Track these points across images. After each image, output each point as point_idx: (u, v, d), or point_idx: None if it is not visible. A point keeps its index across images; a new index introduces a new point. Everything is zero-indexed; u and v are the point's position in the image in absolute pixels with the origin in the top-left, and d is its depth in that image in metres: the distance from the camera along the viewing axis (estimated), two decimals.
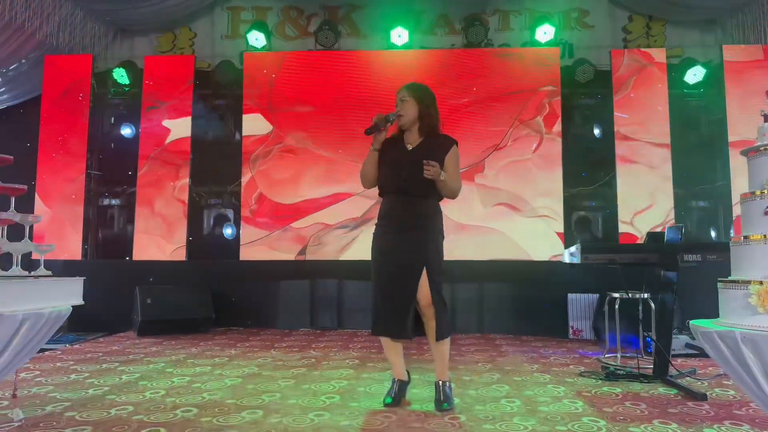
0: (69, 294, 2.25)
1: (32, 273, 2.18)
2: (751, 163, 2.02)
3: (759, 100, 5.51)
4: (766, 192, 1.91)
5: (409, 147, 2.82)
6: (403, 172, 2.73)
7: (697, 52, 6.19)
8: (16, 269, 2.19)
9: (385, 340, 2.84)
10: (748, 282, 1.85)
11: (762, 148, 1.95)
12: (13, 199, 2.34)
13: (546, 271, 5.61)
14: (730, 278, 1.97)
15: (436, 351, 2.76)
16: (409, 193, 2.74)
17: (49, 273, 2.24)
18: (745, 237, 1.95)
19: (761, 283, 1.81)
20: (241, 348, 4.57)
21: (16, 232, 2.46)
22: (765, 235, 1.88)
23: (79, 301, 2.32)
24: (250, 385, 3.21)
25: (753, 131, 5.67)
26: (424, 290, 2.67)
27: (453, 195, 2.80)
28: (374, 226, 2.87)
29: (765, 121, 2.01)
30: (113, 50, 6.68)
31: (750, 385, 1.85)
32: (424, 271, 2.68)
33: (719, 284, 2.02)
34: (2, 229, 2.24)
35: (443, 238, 2.82)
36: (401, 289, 2.68)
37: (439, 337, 2.70)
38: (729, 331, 1.83)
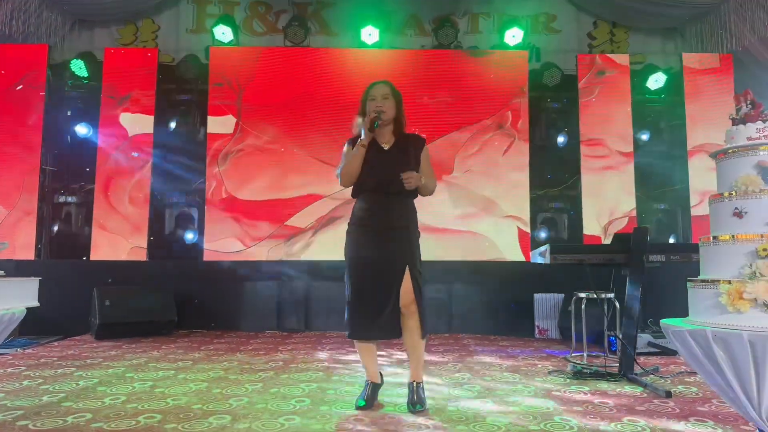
0: (23, 295, 2.11)
1: None
2: (720, 165, 2.07)
3: (715, 105, 5.73)
4: (734, 194, 1.95)
5: (385, 146, 2.79)
6: (382, 171, 2.70)
7: (658, 58, 6.39)
8: None
9: (360, 343, 2.78)
10: (718, 281, 1.89)
11: (730, 151, 2.00)
12: None
13: (512, 272, 5.67)
14: (699, 278, 2.01)
15: (412, 351, 2.74)
16: (390, 192, 2.71)
17: (2, 273, 2.11)
18: (714, 237, 1.99)
19: (730, 282, 1.85)
20: (205, 351, 4.44)
21: None
22: (733, 236, 1.92)
23: (35, 303, 2.19)
24: (216, 390, 3.11)
25: (710, 135, 5.86)
26: (406, 286, 2.65)
27: (431, 193, 2.81)
28: (347, 226, 2.82)
29: (733, 124, 2.06)
30: (71, 41, 6.41)
31: (720, 383, 1.89)
32: (407, 270, 2.66)
33: (689, 284, 2.05)
34: None
35: (419, 236, 2.82)
36: (386, 290, 2.64)
37: (419, 335, 2.68)
38: (700, 330, 1.86)
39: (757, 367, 1.74)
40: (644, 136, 6.08)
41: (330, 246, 5.67)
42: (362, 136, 2.71)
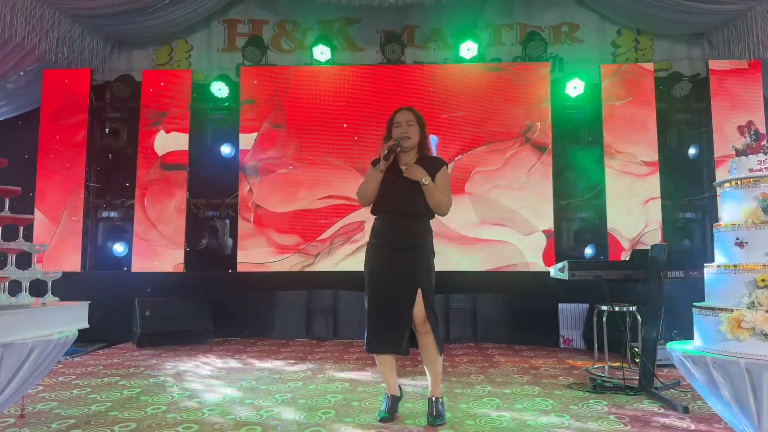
0: (75, 318, 2.35)
1: (41, 300, 2.28)
2: (723, 196, 2.14)
3: (742, 114, 5.66)
4: (736, 224, 2.03)
5: (404, 168, 2.93)
6: (401, 193, 2.85)
7: (684, 65, 6.35)
8: (24, 296, 2.28)
9: (379, 357, 2.94)
10: (720, 309, 1.97)
11: (733, 182, 2.07)
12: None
13: (537, 281, 5.70)
14: (703, 304, 2.09)
15: (430, 367, 2.88)
16: (406, 213, 2.86)
17: (57, 299, 2.34)
18: (718, 266, 2.07)
19: (732, 311, 1.93)
20: (239, 360, 4.67)
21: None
22: (736, 265, 1.99)
23: (85, 325, 2.42)
24: (249, 400, 3.31)
25: (739, 143, 5.76)
26: (419, 308, 2.79)
27: (440, 207, 2.88)
28: (367, 243, 2.98)
29: (736, 155, 2.13)
30: (111, 63, 6.78)
31: (720, 405, 1.96)
32: (419, 291, 2.80)
33: (694, 309, 2.13)
34: (12, 257, 2.34)
35: (434, 255, 2.95)
36: (397, 308, 2.79)
37: (435, 352, 2.82)
38: (701, 356, 1.95)
39: (755, 392, 1.81)
40: (670, 145, 6.04)
41: (357, 256, 5.85)
42: (381, 162, 2.86)
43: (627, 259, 4.68)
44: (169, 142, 6.22)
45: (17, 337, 2.01)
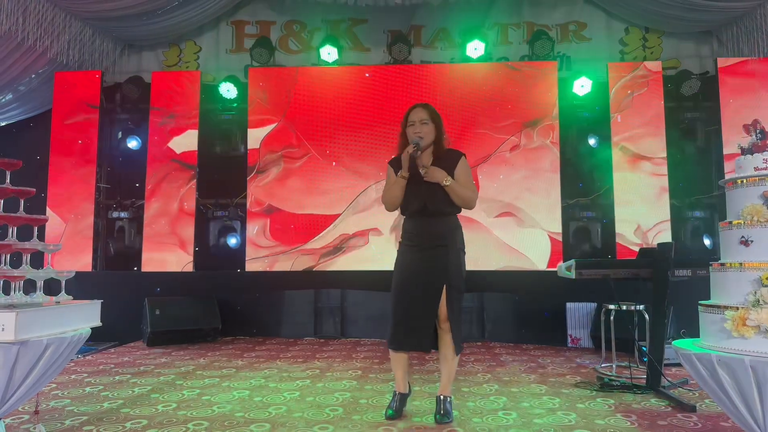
0: (88, 317, 2.39)
1: (55, 299, 2.33)
2: (728, 194, 2.14)
3: (751, 111, 5.63)
4: (742, 222, 2.03)
5: (422, 170, 2.89)
6: (424, 195, 2.85)
7: (693, 63, 6.32)
8: (39, 294, 2.33)
9: (394, 354, 2.95)
10: (725, 307, 1.97)
11: (738, 181, 2.07)
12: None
13: (545, 281, 5.70)
14: (708, 302, 2.10)
15: (444, 366, 2.90)
16: (430, 213, 2.86)
17: (70, 297, 2.39)
18: (723, 264, 2.07)
19: (737, 309, 1.94)
20: (247, 359, 4.71)
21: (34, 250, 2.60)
22: (741, 263, 2.00)
23: (97, 323, 2.47)
24: (258, 398, 3.35)
25: (745, 142, 5.75)
26: (442, 305, 2.81)
27: (466, 202, 2.87)
28: (399, 244, 3.00)
29: (741, 153, 2.13)
30: (121, 65, 6.85)
31: (726, 403, 1.97)
32: (444, 289, 2.81)
33: (700, 307, 2.14)
34: (26, 256, 2.39)
35: (464, 253, 2.94)
36: (423, 305, 2.81)
37: (451, 351, 2.84)
38: (706, 354, 1.96)
39: (761, 390, 1.82)
40: (678, 143, 6.01)
41: (365, 255, 5.89)
42: (403, 168, 2.84)
43: (634, 258, 4.66)
44: (178, 142, 6.28)
45: (33, 334, 2.06)
